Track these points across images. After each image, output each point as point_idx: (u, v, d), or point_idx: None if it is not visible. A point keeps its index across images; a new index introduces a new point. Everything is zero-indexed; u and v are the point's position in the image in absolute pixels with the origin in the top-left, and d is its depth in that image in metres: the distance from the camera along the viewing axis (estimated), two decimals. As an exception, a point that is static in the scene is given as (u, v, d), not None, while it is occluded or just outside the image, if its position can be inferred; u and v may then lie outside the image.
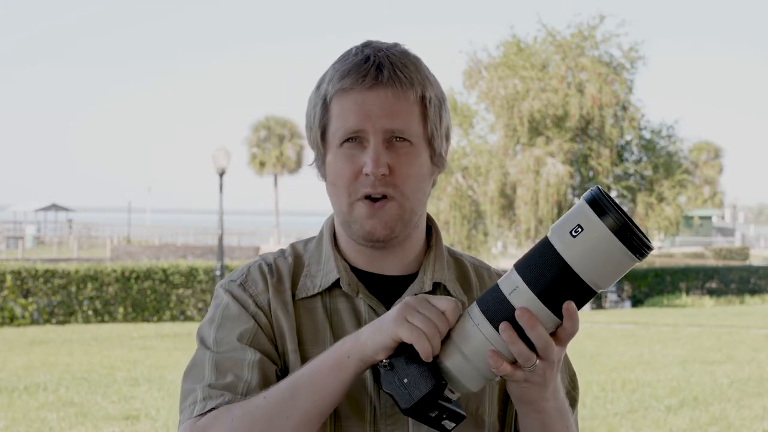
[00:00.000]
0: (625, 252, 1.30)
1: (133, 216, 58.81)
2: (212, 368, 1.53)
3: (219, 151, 21.69)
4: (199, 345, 1.59)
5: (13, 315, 19.54)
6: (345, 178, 1.56)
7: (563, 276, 1.32)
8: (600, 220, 1.30)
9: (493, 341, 1.36)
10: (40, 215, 61.92)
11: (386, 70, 1.54)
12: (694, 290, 30.19)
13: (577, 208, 1.33)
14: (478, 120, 28.52)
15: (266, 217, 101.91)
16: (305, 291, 1.61)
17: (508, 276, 1.36)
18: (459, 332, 1.38)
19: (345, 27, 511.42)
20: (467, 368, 1.37)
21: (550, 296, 1.33)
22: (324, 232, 1.67)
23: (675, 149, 28.71)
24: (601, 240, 1.30)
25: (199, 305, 21.52)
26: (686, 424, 9.05)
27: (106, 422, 8.99)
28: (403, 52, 1.59)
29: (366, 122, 1.54)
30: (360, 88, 1.54)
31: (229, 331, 1.57)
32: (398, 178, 1.55)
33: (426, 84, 1.58)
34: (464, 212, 27.43)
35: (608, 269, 1.31)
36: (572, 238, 1.31)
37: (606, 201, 1.30)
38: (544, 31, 27.68)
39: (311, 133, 1.61)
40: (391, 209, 1.56)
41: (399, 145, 1.55)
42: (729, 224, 67.40)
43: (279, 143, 55.50)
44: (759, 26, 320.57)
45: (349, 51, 1.59)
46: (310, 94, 1.62)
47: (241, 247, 43.28)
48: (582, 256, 1.31)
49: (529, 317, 1.33)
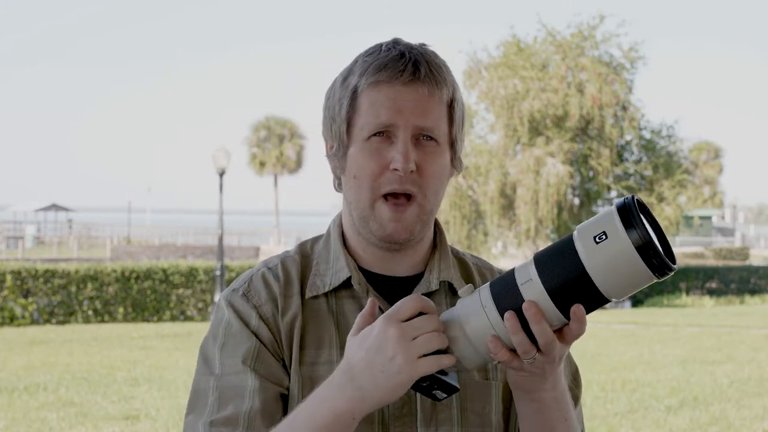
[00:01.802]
0: (645, 270, 1.27)
1: (133, 216, 58.82)
2: (215, 398, 1.52)
3: (219, 151, 21.68)
4: (202, 365, 1.58)
5: (13, 315, 19.54)
6: (370, 172, 1.54)
7: (579, 280, 1.30)
8: (626, 232, 1.27)
9: (495, 326, 1.34)
10: (40, 215, 61.92)
11: (423, 67, 1.54)
12: (694, 290, 30.19)
13: (607, 213, 1.30)
14: (478, 120, 28.50)
15: (266, 217, 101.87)
16: (315, 290, 1.60)
17: (526, 266, 1.34)
18: (464, 310, 1.37)
19: (345, 27, 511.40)
20: (466, 347, 1.36)
21: (561, 296, 1.31)
22: (332, 231, 1.66)
23: (675, 149, 28.70)
24: (623, 253, 1.27)
25: (199, 305, 21.52)
26: (686, 424, 9.05)
27: (106, 422, 8.99)
28: (434, 53, 1.58)
29: (398, 117, 1.53)
30: (396, 82, 1.53)
31: (232, 351, 1.55)
32: (424, 177, 1.54)
33: (455, 87, 1.59)
34: (464, 212, 27.42)
35: (625, 282, 1.29)
36: (595, 244, 1.28)
37: (635, 213, 1.28)
38: (544, 31, 27.67)
39: (334, 125, 1.57)
40: (413, 212, 1.55)
41: (426, 143, 1.55)
42: (729, 224, 67.39)
43: (279, 143, 55.48)
44: (759, 26, 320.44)
45: (378, 46, 1.57)
46: (331, 88, 1.60)
47: (241, 247, 43.26)
48: (601, 265, 1.28)
49: (535, 311, 1.32)
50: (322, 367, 1.55)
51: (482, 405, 1.59)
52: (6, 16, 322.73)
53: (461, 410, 1.58)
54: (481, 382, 1.60)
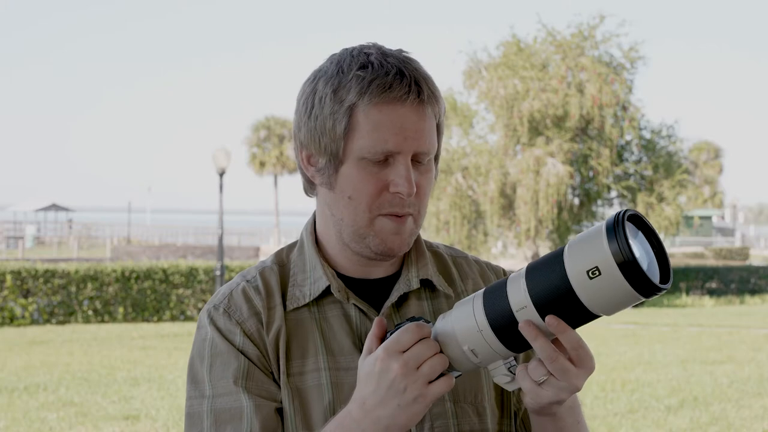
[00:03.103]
0: (637, 296, 1.28)
1: (133, 216, 58.83)
2: (210, 423, 1.52)
3: (219, 151, 21.69)
4: (191, 388, 1.56)
5: (13, 315, 19.53)
6: (368, 194, 1.51)
7: (574, 308, 1.31)
8: (618, 269, 1.25)
9: (494, 347, 1.36)
10: (40, 215, 61.92)
11: (424, 88, 1.51)
12: (694, 290, 30.20)
13: (597, 243, 1.28)
14: (478, 120, 28.50)
15: (266, 217, 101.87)
16: (295, 302, 1.58)
17: (519, 289, 1.33)
18: (460, 329, 1.37)
19: (345, 27, 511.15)
20: (466, 363, 1.38)
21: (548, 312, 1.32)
22: (305, 239, 1.64)
23: (675, 149, 28.69)
24: (619, 289, 1.27)
25: (199, 305, 21.50)
26: (686, 424, 9.05)
27: (106, 422, 8.99)
28: (422, 66, 1.55)
29: (404, 143, 1.49)
30: (400, 105, 1.49)
31: (220, 372, 1.54)
32: (420, 197, 1.53)
33: (442, 101, 1.56)
34: (464, 212, 27.41)
35: (617, 305, 1.30)
36: (589, 279, 1.28)
37: (624, 238, 1.26)
38: (544, 31, 27.66)
39: (324, 139, 1.51)
40: (410, 225, 1.54)
41: (421, 163, 1.53)
42: (729, 224, 67.37)
43: (279, 143, 55.44)
44: (759, 26, 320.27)
45: (366, 58, 1.51)
46: (311, 95, 1.53)
47: (241, 247, 43.25)
48: (596, 297, 1.29)
49: (533, 329, 1.33)
50: (309, 375, 1.54)
51: (474, 393, 1.59)
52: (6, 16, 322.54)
53: (455, 402, 1.58)
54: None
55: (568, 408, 1.48)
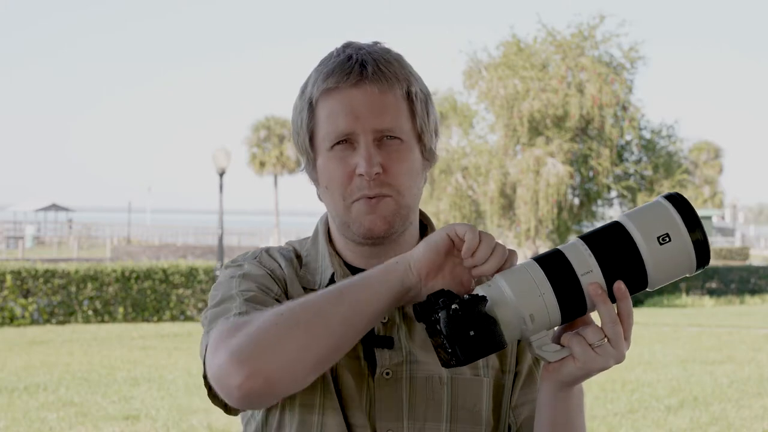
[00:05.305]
0: (692, 266, 1.36)
1: (133, 216, 58.81)
2: (241, 303, 1.51)
3: (219, 151, 21.69)
4: (216, 303, 1.54)
5: (13, 315, 19.52)
6: (338, 181, 1.55)
7: (635, 274, 1.36)
8: (689, 234, 1.34)
9: (550, 309, 1.35)
10: (40, 215, 61.90)
11: (370, 66, 1.53)
12: (694, 290, 30.18)
13: (665, 212, 1.35)
14: (478, 120, 28.51)
15: (266, 217, 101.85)
16: (306, 284, 1.62)
17: (581, 253, 1.36)
18: (518, 291, 1.35)
19: (345, 27, 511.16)
20: (513, 318, 1.36)
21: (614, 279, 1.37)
22: (319, 231, 1.68)
23: (675, 149, 28.71)
24: (683, 254, 1.35)
25: (199, 305, 21.50)
26: (686, 424, 9.05)
27: (106, 422, 8.99)
28: (385, 50, 1.57)
29: (355, 124, 1.52)
30: (344, 86, 1.52)
31: (251, 282, 1.55)
32: (392, 176, 1.54)
33: (411, 79, 1.57)
34: (464, 212, 27.42)
35: (670, 275, 1.37)
36: (659, 245, 1.35)
37: (694, 214, 1.35)
38: (544, 31, 27.67)
39: (299, 138, 1.59)
40: (388, 204, 1.55)
41: (390, 143, 1.54)
42: (729, 224, 67.35)
43: (279, 143, 55.41)
44: (759, 26, 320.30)
45: (330, 53, 1.58)
46: (295, 101, 1.60)
47: (241, 247, 43.25)
48: (661, 264, 1.35)
49: (602, 293, 1.36)
50: None
51: (473, 402, 1.58)
52: (6, 16, 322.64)
53: (451, 406, 1.57)
54: (472, 378, 1.59)
55: (579, 390, 1.50)
